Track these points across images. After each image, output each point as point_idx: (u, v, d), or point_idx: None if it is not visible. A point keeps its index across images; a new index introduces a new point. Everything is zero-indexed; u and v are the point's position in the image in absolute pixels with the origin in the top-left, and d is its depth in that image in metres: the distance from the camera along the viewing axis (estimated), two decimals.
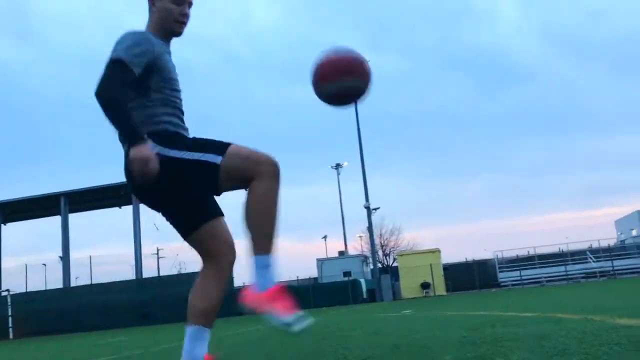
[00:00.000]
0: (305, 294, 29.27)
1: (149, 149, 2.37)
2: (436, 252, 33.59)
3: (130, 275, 33.73)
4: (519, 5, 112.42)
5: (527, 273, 34.90)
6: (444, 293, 32.00)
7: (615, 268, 33.82)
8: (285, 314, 2.31)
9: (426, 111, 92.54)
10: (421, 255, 33.51)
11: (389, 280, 30.74)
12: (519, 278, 34.76)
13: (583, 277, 33.78)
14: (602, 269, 34.18)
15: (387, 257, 45.20)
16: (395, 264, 40.76)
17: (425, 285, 32.34)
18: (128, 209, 34.32)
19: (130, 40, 2.53)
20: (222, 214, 2.75)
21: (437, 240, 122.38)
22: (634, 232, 69.31)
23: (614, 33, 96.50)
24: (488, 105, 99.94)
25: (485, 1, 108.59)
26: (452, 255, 72.42)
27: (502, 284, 34.69)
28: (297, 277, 41.60)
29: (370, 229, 30.75)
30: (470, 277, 35.33)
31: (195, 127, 2.82)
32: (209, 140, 2.57)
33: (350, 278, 32.22)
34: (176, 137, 2.59)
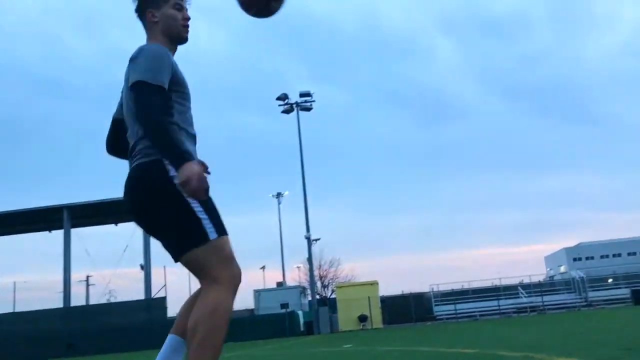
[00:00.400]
0: (241, 326, 28.68)
1: (199, 167, 2.30)
2: (374, 284, 33.71)
3: (57, 303, 32.17)
4: (457, 47, 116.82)
5: (462, 307, 35.50)
6: (381, 326, 32.08)
7: (545, 303, 34.90)
8: None
9: (367, 144, 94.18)
10: (359, 287, 33.57)
11: (327, 313, 30.56)
12: (453, 311, 35.28)
13: (515, 312, 34.63)
14: (532, 304, 35.20)
15: (326, 289, 45.09)
16: (333, 296, 40.68)
17: (362, 318, 32.33)
18: (58, 234, 32.90)
19: (155, 59, 2.49)
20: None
21: (374, 273, 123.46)
22: (562, 269, 72.26)
23: (543, 78, 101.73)
24: (425, 140, 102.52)
25: (426, 41, 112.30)
26: (389, 287, 73.14)
27: (438, 317, 35.13)
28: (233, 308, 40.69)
29: (310, 259, 30.63)
30: (406, 309, 35.59)
31: None
32: (217, 211, 2.51)
33: (288, 310, 31.83)
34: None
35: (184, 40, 2.75)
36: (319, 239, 30.93)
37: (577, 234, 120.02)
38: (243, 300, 42.26)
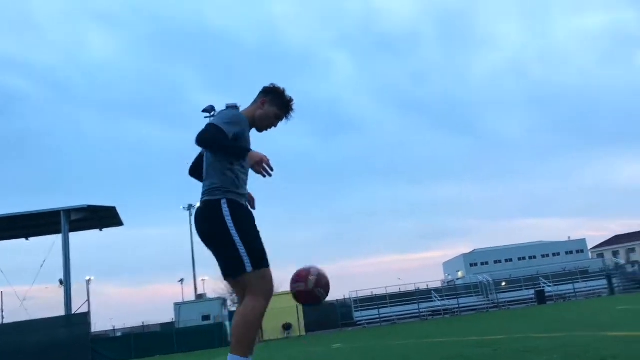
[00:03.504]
0: (168, 339, 28.32)
1: (259, 153, 3.15)
2: None
3: None
4: (352, 62, 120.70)
5: (382, 312, 36.97)
6: (304, 333, 32.78)
7: (460, 306, 37.01)
8: None
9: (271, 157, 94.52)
10: (283, 297, 33.98)
11: None
12: (374, 316, 36.69)
13: (430, 315, 36.58)
14: (445, 307, 37.33)
15: None
16: None
17: (287, 326, 32.92)
18: None
19: (232, 117, 3.34)
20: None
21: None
22: (460, 274, 76.39)
23: (432, 94, 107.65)
24: (323, 152, 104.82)
25: (323, 56, 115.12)
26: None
27: (358, 322, 36.37)
28: (147, 322, 39.78)
29: None
30: (328, 316, 36.53)
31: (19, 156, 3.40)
32: (258, 242, 3.33)
33: (217, 321, 31.72)
34: (243, 216, 3.34)
35: (258, 131, 3.61)
36: None
37: (472, 241, 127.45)
38: (163, 313, 41.39)
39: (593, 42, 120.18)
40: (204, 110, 32.36)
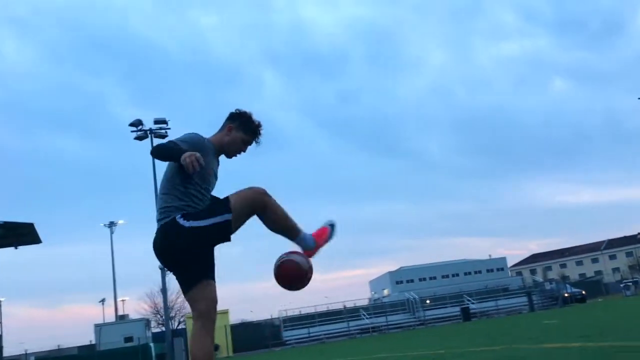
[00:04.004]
0: None
1: (194, 152, 3.11)
2: (225, 312, 33.70)
3: None
4: (282, 79, 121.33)
5: (311, 331, 36.76)
6: (232, 354, 32.13)
7: (388, 323, 37.38)
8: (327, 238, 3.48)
9: None
10: None
11: (182, 344, 29.81)
12: (302, 336, 36.42)
13: (358, 333, 36.71)
14: (373, 325, 37.60)
15: (172, 320, 43.69)
16: (181, 327, 39.79)
17: (214, 347, 32.11)
18: None
19: (188, 137, 3.35)
20: (214, 279, 3.36)
21: (223, 300, 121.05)
22: (386, 292, 77.42)
23: (360, 113, 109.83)
24: (249, 168, 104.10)
25: (253, 72, 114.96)
26: (240, 314, 72.86)
27: (287, 342, 35.98)
28: (64, 345, 37.78)
29: (164, 290, 29.67)
30: (257, 336, 35.99)
31: None
32: (215, 203, 3.31)
33: (141, 342, 30.52)
34: (197, 213, 3.26)
35: (227, 157, 3.60)
36: None
37: (397, 259, 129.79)
38: (81, 336, 39.45)
39: (510, 68, 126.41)
40: (131, 124, 31.55)
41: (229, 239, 3.30)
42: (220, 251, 3.42)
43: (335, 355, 11.87)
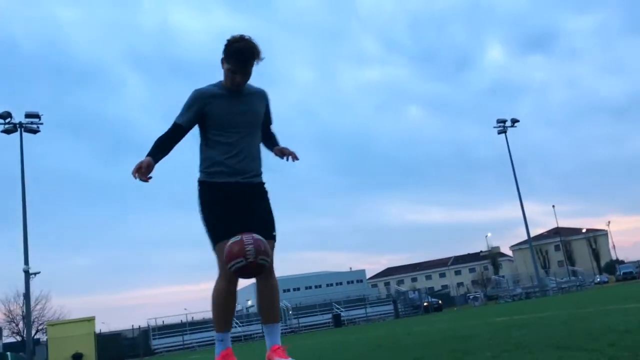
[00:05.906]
0: None
1: (143, 161, 3.25)
2: (91, 320, 31.85)
3: None
4: (145, 83, 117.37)
5: (181, 339, 35.88)
6: None
7: (250, 332, 37.46)
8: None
9: (48, 175, 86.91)
10: (74, 325, 31.26)
11: (45, 352, 27.73)
12: (172, 344, 35.44)
13: (233, 341, 36.35)
14: (245, 333, 37.57)
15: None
16: (38, 336, 36.95)
17: (76, 356, 30.23)
18: None
19: (183, 106, 3.44)
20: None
21: (90, 309, 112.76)
22: (249, 302, 77.21)
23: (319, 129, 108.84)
24: (104, 174, 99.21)
25: (114, 74, 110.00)
26: (110, 323, 68.73)
27: (157, 350, 34.83)
28: None
29: (27, 295, 27.44)
30: (124, 345, 34.46)
31: None
32: (216, 225, 3.40)
33: None
34: (209, 202, 3.47)
35: (234, 90, 3.48)
36: (39, 273, 27.54)
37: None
38: None
39: (371, 93, 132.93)
40: (0, 117, 28.99)
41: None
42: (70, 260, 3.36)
43: None
